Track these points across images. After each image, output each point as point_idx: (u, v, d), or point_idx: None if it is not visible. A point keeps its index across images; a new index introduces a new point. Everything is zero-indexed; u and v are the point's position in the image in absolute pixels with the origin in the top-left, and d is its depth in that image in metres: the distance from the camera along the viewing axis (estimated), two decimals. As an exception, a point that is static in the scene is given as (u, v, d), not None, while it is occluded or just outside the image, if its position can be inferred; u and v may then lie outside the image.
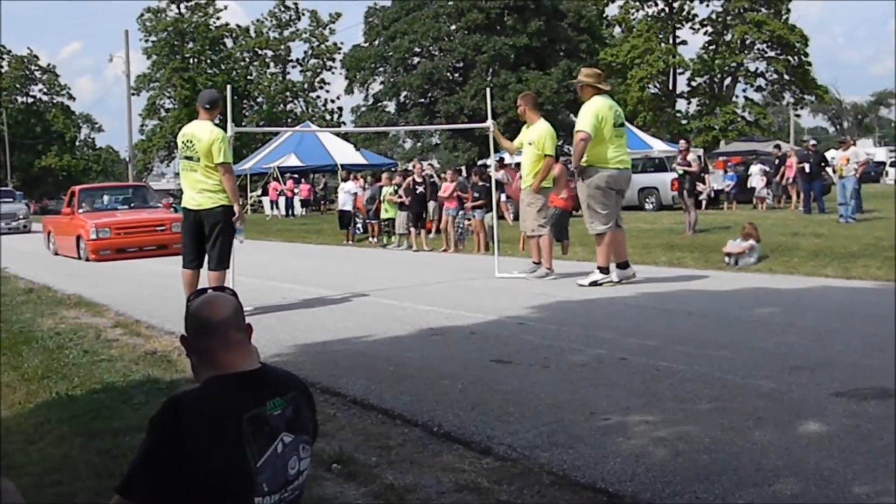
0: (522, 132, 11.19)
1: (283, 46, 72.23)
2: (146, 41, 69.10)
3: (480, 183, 17.04)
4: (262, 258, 16.14)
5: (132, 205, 20.74)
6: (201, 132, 8.91)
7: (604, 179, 10.04)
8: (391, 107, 59.78)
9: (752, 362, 6.05)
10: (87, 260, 17.56)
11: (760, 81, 56.14)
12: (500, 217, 17.32)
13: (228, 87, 11.17)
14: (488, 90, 14.62)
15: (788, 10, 53.56)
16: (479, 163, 26.34)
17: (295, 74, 73.77)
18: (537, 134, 10.84)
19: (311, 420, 2.70)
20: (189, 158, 8.97)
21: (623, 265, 10.33)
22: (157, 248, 17.79)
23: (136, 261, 17.26)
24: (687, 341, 6.83)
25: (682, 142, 20.11)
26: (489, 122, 11.94)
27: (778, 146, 29.84)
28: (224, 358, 2.54)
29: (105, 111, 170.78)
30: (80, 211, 19.23)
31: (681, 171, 18.42)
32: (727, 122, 52.65)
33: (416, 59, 57.68)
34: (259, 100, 72.73)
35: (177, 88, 67.04)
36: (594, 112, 9.90)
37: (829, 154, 26.77)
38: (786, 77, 54.75)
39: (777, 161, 26.76)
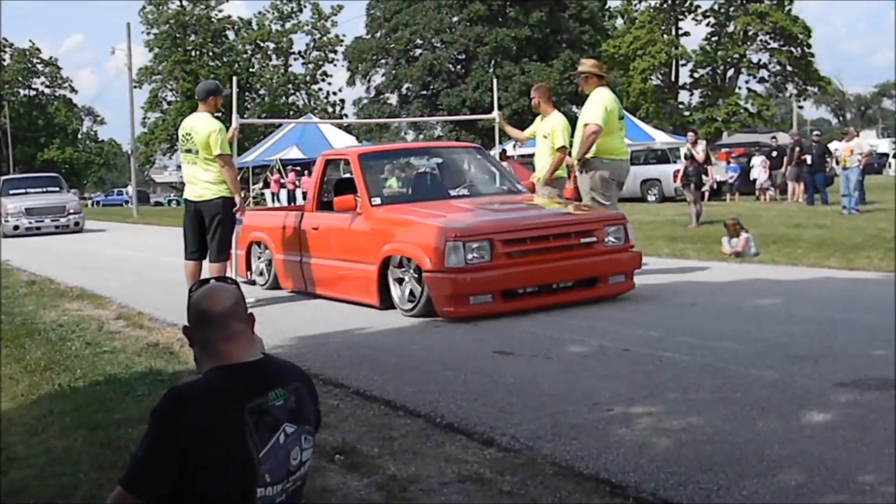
0: (535, 123, 11.16)
1: (285, 39, 72.16)
2: (148, 34, 69.16)
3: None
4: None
5: (463, 186, 10.22)
6: (199, 125, 8.91)
7: (608, 171, 10.05)
8: (393, 99, 59.76)
9: (755, 353, 6.04)
10: (432, 314, 7.99)
11: (763, 73, 56.02)
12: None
13: (234, 78, 11.15)
14: (494, 80, 14.47)
15: (791, 1, 53.43)
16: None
17: (297, 67, 73.84)
18: (551, 126, 10.79)
19: (314, 411, 2.70)
20: (189, 151, 8.98)
21: None
22: (580, 286, 8.47)
23: (135, 251, 16.42)
24: (689, 332, 6.82)
25: (690, 134, 20.07)
26: (495, 113, 11.88)
27: (774, 137, 29.82)
28: (224, 349, 2.53)
29: (107, 104, 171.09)
30: (375, 201, 9.07)
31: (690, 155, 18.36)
32: (730, 113, 52.54)
33: (417, 51, 57.62)
34: (261, 92, 72.70)
35: (179, 81, 67.02)
36: (603, 104, 9.89)
37: (832, 146, 26.70)
38: (788, 68, 54.58)
39: (775, 153, 26.71)
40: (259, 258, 10.72)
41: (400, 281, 8.36)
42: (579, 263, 8.35)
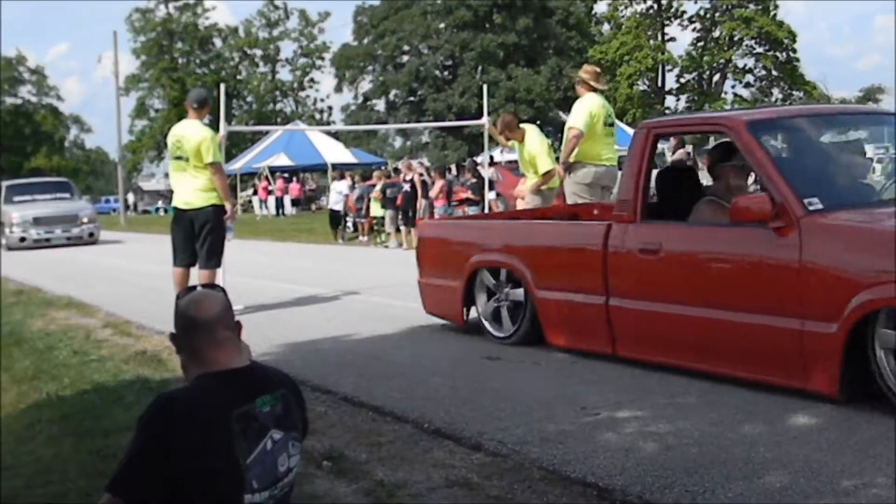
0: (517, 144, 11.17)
1: (272, 46, 72.11)
2: (135, 42, 68.95)
3: (473, 180, 17.01)
4: (252, 257, 16.12)
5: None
6: (190, 132, 8.89)
7: (591, 175, 10.07)
8: (380, 105, 59.80)
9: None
10: None
11: (749, 78, 56.30)
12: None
13: (222, 85, 11.12)
14: (485, 87, 14.44)
15: (776, 7, 53.72)
16: (470, 159, 26.37)
17: (284, 74, 73.72)
18: (529, 156, 10.75)
19: (301, 417, 2.71)
20: (179, 158, 8.95)
21: None
22: None
23: (124, 260, 16.58)
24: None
25: (672, 139, 20.07)
26: (484, 119, 11.89)
27: None
28: (212, 355, 2.54)
29: (94, 112, 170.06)
30: (813, 204, 4.91)
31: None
32: (716, 118, 52.70)
33: (404, 58, 57.67)
34: (249, 99, 72.62)
35: (166, 88, 66.87)
36: (587, 109, 9.94)
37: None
38: (774, 73, 54.90)
39: None
40: (493, 294, 7.08)
41: None
42: None
